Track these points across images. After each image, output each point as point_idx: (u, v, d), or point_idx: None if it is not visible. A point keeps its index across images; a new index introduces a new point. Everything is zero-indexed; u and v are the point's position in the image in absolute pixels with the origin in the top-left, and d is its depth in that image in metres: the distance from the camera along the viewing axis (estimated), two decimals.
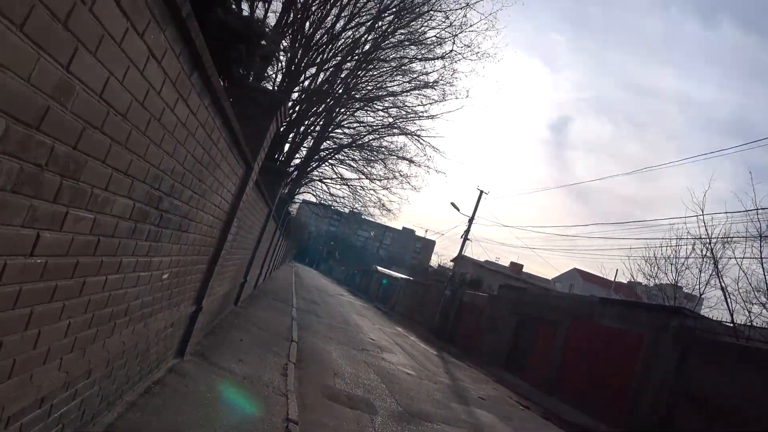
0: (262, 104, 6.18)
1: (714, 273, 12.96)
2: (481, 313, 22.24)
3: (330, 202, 27.20)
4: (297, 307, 16.36)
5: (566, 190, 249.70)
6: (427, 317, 28.69)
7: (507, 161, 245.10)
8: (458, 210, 29.34)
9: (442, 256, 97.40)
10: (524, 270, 53.64)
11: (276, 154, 17.66)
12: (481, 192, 28.89)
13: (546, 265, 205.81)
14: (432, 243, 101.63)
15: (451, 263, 44.70)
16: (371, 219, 30.65)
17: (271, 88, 14.51)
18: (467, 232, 29.00)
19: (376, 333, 17.25)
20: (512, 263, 54.05)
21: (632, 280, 18.00)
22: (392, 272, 52.99)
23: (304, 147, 23.38)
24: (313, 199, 29.23)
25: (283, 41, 14.51)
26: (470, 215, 28.88)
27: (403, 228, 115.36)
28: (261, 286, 17.99)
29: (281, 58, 16.18)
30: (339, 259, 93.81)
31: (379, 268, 57.61)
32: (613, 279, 36.87)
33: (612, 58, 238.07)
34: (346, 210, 28.43)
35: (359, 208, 26.47)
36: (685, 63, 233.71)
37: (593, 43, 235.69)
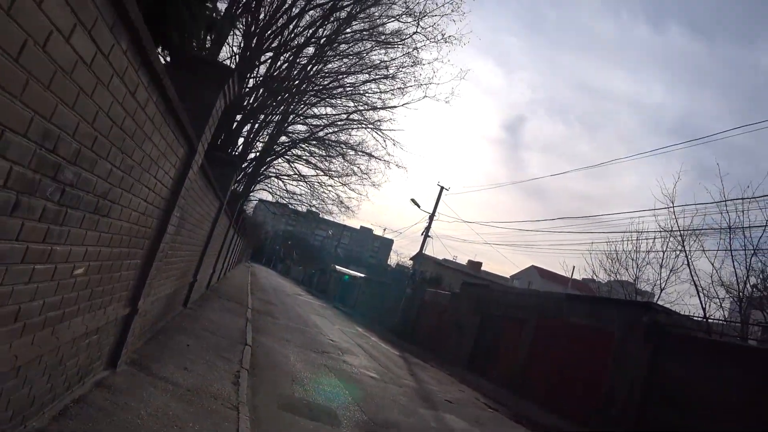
0: (207, 76, 5.40)
1: (682, 266, 12.93)
2: (443, 311, 21.79)
3: (287, 200, 26.39)
4: (252, 308, 15.46)
5: (524, 189, 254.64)
6: (388, 316, 28.10)
7: (465, 160, 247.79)
8: (419, 206, 29.01)
9: (401, 254, 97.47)
10: (482, 268, 53.99)
11: (229, 149, 16.71)
12: (442, 188, 28.61)
13: (504, 263, 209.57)
14: (390, 242, 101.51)
15: (410, 261, 44.46)
16: (329, 218, 29.95)
17: None
18: (428, 228, 28.66)
19: (336, 334, 16.54)
20: (470, 261, 54.28)
21: (594, 277, 17.88)
22: (351, 271, 52.23)
23: (260, 141, 22.48)
24: (270, 198, 28.35)
25: (238, 23, 13.67)
26: (431, 212, 28.55)
27: (361, 227, 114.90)
28: (214, 286, 16.99)
29: (233, 45, 15.32)
30: (296, 258, 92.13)
31: (337, 267, 56.67)
32: (570, 276, 37.23)
33: (565, 60, 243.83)
34: (304, 208, 27.64)
35: (317, 206, 25.76)
36: (635, 66, 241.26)
37: (547, 45, 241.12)
